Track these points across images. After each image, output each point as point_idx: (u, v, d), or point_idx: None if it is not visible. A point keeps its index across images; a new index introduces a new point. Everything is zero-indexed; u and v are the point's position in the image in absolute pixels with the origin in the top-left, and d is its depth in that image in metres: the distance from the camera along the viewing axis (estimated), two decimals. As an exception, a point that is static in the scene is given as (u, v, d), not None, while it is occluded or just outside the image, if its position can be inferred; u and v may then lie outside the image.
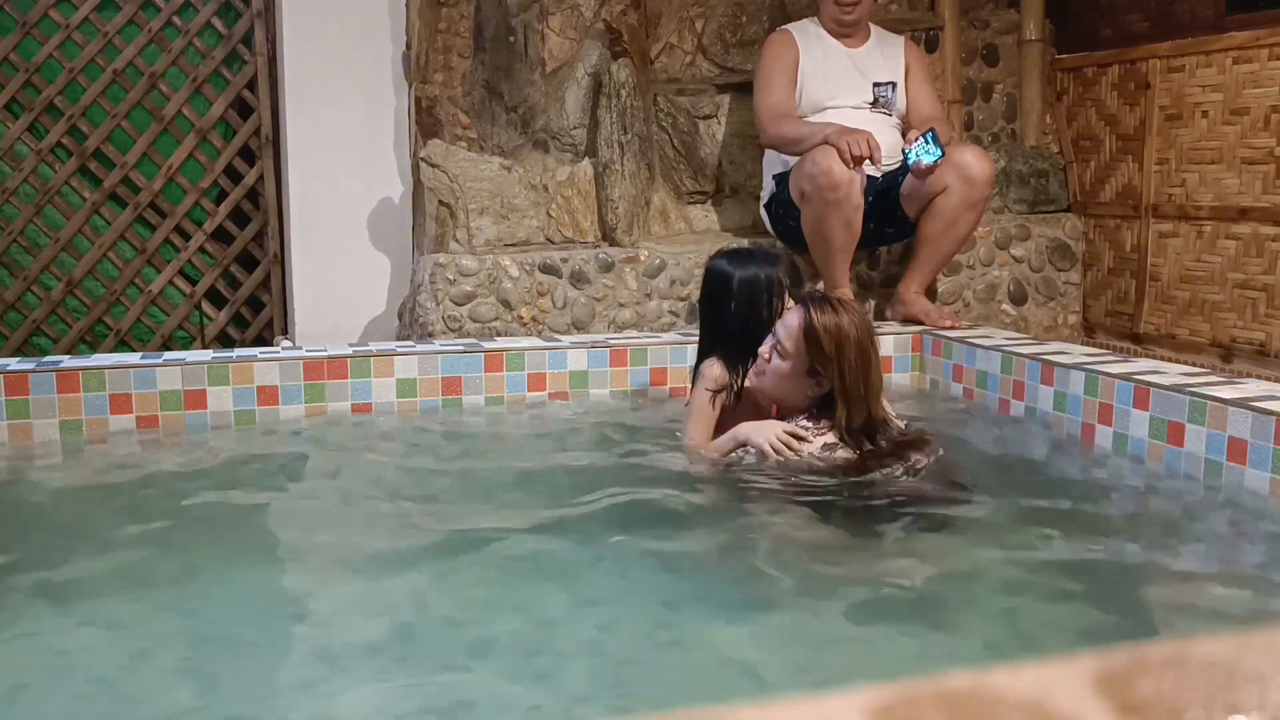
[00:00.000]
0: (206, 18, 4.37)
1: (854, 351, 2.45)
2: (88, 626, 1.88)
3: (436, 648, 1.79)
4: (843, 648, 1.79)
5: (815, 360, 2.47)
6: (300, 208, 4.28)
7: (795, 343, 2.49)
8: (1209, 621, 1.87)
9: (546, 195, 4.11)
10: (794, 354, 2.50)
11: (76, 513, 2.59)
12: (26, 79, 4.26)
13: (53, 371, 3.12)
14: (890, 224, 3.83)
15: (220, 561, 2.16)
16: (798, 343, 2.49)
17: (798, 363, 2.50)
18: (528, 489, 2.68)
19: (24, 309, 4.38)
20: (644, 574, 2.09)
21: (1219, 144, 3.95)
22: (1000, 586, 2.04)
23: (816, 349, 2.46)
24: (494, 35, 4.16)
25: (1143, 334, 4.28)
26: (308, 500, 2.67)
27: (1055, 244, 4.45)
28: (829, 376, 2.47)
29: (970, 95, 4.69)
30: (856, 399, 2.47)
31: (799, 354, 2.49)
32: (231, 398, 3.22)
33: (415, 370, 3.34)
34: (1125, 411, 2.84)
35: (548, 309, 3.89)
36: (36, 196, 4.32)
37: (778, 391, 2.60)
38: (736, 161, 4.37)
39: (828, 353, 2.45)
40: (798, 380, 2.52)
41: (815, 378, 2.50)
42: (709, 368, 2.77)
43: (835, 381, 2.46)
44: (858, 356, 2.46)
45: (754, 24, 4.41)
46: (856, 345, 2.46)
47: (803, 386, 2.53)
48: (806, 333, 2.47)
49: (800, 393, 2.55)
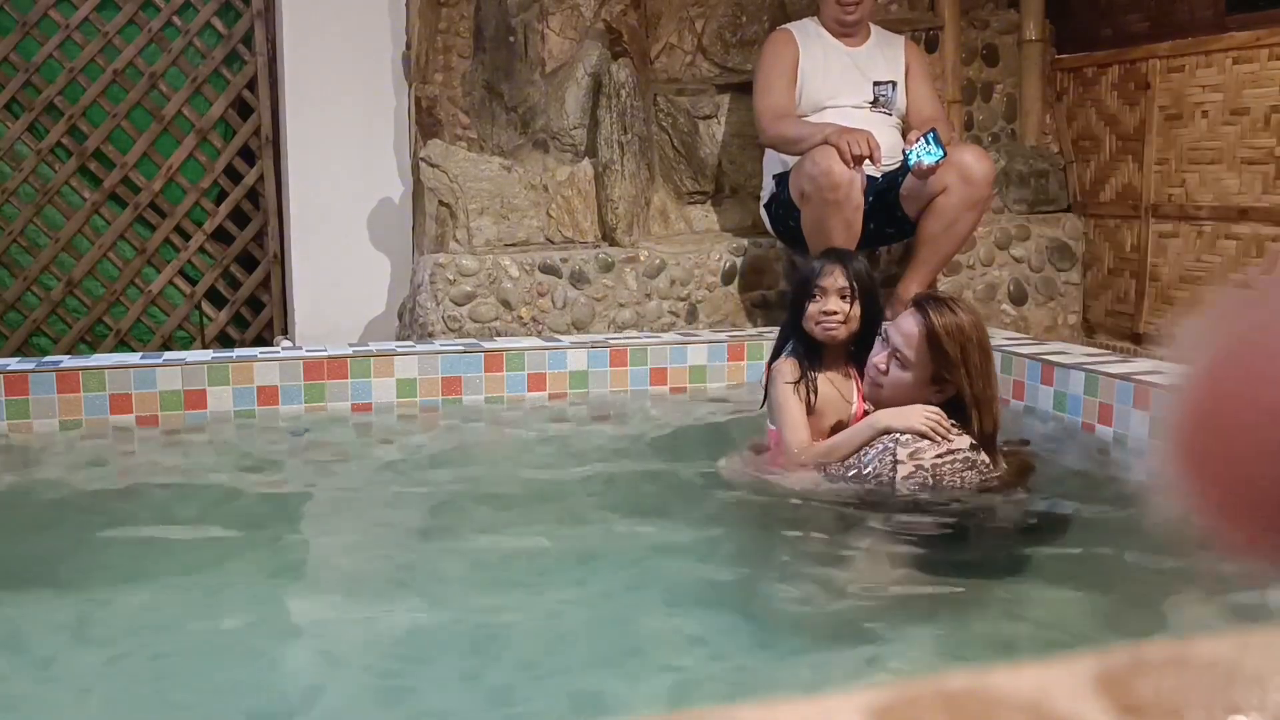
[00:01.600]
0: (206, 18, 4.37)
1: (977, 352, 2.32)
2: (79, 631, 1.87)
3: (443, 654, 1.79)
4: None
5: (940, 366, 2.31)
6: (300, 208, 4.28)
7: (917, 350, 2.33)
8: (1209, 621, 1.86)
9: (546, 195, 4.11)
10: (916, 362, 2.33)
11: (71, 514, 2.58)
12: (26, 79, 4.26)
13: (53, 371, 3.12)
14: (890, 224, 3.83)
15: (217, 565, 2.16)
16: (919, 350, 2.32)
17: (920, 371, 2.34)
18: (571, 494, 2.65)
19: (24, 309, 4.38)
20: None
21: (1219, 144, 3.95)
22: (998, 585, 2.04)
23: (940, 354, 2.30)
24: (494, 35, 4.16)
25: (1143, 334, 4.28)
26: (306, 499, 2.67)
27: (1055, 244, 4.45)
28: (956, 381, 2.31)
29: (970, 95, 4.69)
30: (986, 402, 2.33)
31: (922, 361, 2.33)
32: (231, 398, 3.22)
33: (415, 370, 3.34)
34: (1126, 411, 2.84)
35: (548, 309, 3.89)
36: (36, 196, 4.32)
37: (901, 401, 2.39)
38: (736, 161, 4.37)
39: (953, 357, 2.29)
40: (920, 390, 2.35)
41: (939, 384, 2.34)
42: (781, 364, 2.66)
43: (964, 387, 2.31)
44: (980, 357, 2.32)
45: (754, 24, 4.41)
46: (979, 345, 2.32)
47: (925, 395, 2.35)
48: (929, 338, 2.31)
49: (923, 399, 2.36)
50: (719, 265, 4.07)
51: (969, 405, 2.32)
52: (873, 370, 2.45)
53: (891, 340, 2.39)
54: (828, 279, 2.60)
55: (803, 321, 2.63)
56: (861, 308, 2.61)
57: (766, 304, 4.10)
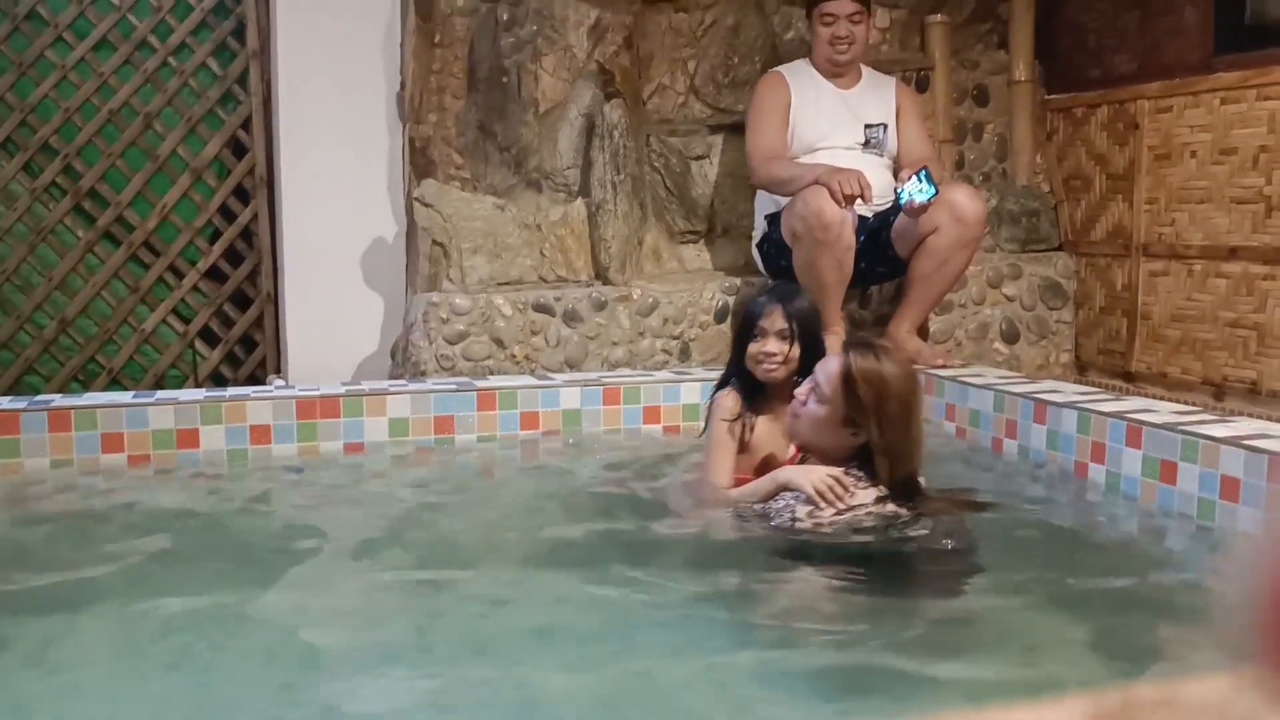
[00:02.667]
0: (202, 58, 4.40)
1: (895, 405, 2.32)
2: (67, 676, 1.85)
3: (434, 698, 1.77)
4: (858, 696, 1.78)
5: (852, 410, 2.33)
6: (294, 247, 4.28)
7: (834, 389, 2.35)
8: (1201, 662, 1.86)
9: (540, 234, 4.13)
10: (831, 400, 2.36)
11: (62, 553, 2.57)
12: (22, 119, 4.28)
13: (44, 410, 3.11)
14: (882, 263, 3.84)
15: (210, 606, 2.14)
16: (836, 389, 2.35)
17: (833, 410, 2.36)
18: (531, 532, 2.66)
19: (16, 348, 4.37)
20: (651, 622, 2.05)
21: (1208, 184, 3.97)
22: (992, 626, 2.04)
23: (854, 397, 2.32)
24: (487, 76, 4.19)
25: (1135, 372, 4.29)
26: (298, 540, 2.65)
27: (1047, 283, 4.47)
28: (865, 428, 2.34)
29: (961, 135, 4.73)
30: (897, 455, 2.33)
31: (836, 401, 2.35)
32: (224, 437, 3.21)
33: (408, 409, 3.34)
34: (1118, 450, 2.84)
35: (541, 347, 3.89)
36: (30, 235, 4.32)
37: (813, 437, 2.45)
38: (729, 201, 4.39)
39: (865, 402, 2.31)
40: (834, 429, 2.38)
41: (852, 427, 2.36)
42: (722, 398, 2.71)
43: (874, 435, 2.32)
44: (899, 410, 2.32)
45: (746, 65, 4.44)
46: (898, 399, 2.32)
47: (839, 436, 2.38)
48: (845, 379, 2.33)
49: (837, 442, 2.40)
50: (712, 304, 4.08)
51: (876, 453, 2.34)
52: (795, 401, 2.47)
53: (816, 374, 2.43)
54: (767, 320, 2.65)
55: (744, 360, 2.67)
56: (802, 348, 2.65)
57: (759, 342, 4.10)
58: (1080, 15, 4.60)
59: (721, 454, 2.67)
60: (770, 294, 2.77)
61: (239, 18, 4.42)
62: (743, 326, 2.73)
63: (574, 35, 4.18)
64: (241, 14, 4.41)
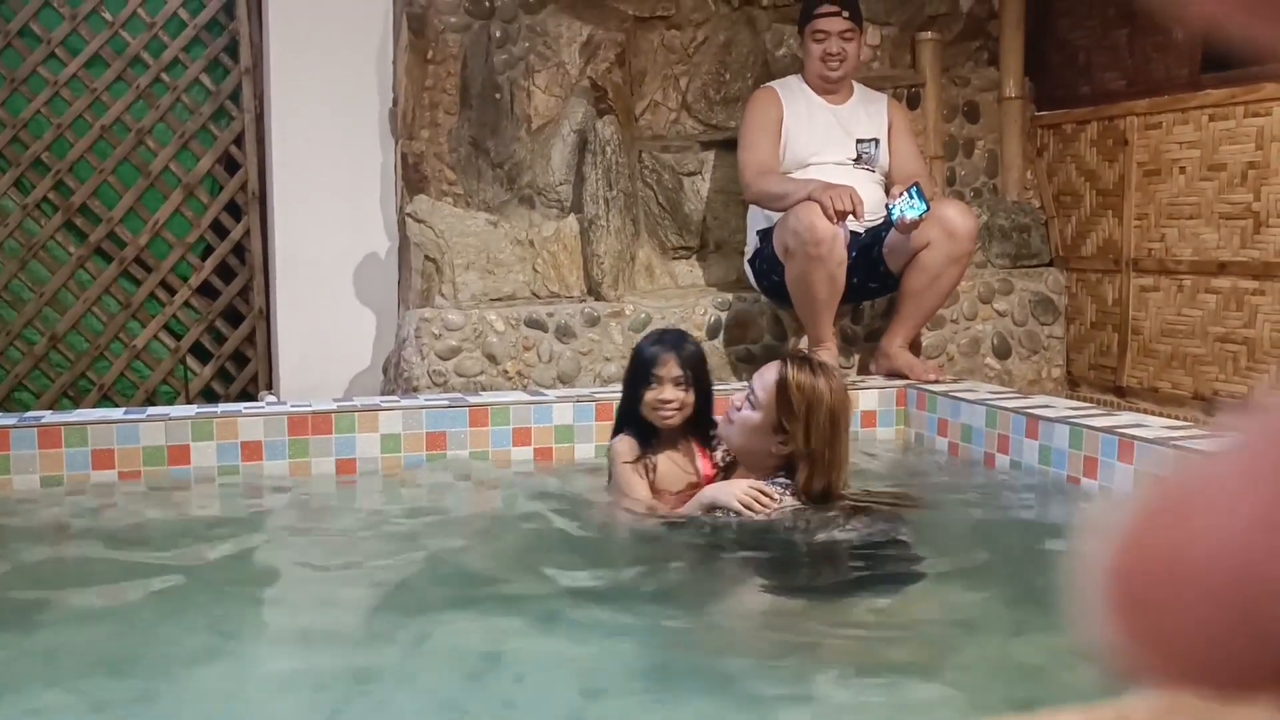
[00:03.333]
0: (195, 74, 4.40)
1: (824, 416, 2.43)
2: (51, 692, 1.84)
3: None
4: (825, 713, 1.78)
5: (783, 415, 2.44)
6: (286, 263, 4.28)
7: (768, 394, 2.47)
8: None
9: (532, 250, 4.13)
10: (764, 405, 2.47)
11: (48, 572, 2.55)
12: (14, 134, 4.28)
13: (34, 427, 3.10)
14: (874, 279, 3.85)
15: (197, 629, 2.13)
16: (770, 395, 2.46)
17: (766, 416, 2.47)
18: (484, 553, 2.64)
19: (6, 364, 4.35)
20: (587, 641, 2.05)
21: (1197, 199, 3.99)
22: (983, 641, 2.03)
23: (786, 405, 2.43)
24: (480, 92, 4.20)
25: (1126, 387, 4.30)
26: (287, 560, 2.65)
27: (1038, 298, 4.48)
28: (794, 435, 2.44)
29: (952, 151, 4.74)
30: (819, 464, 2.44)
31: (769, 407, 2.46)
32: (215, 453, 3.20)
33: (400, 425, 3.33)
34: (1110, 465, 2.84)
35: (533, 363, 3.89)
36: (21, 251, 4.31)
37: (743, 442, 2.57)
38: (721, 217, 4.40)
39: (796, 410, 2.42)
40: (764, 435, 2.49)
41: (781, 435, 2.47)
42: (617, 444, 2.75)
43: (800, 442, 2.44)
44: (827, 421, 2.44)
45: (738, 81, 4.46)
46: (828, 411, 2.43)
47: (768, 443, 2.50)
48: (780, 386, 2.44)
49: (765, 449, 2.51)
50: (704, 320, 4.08)
51: (798, 459, 2.44)
52: (730, 408, 2.58)
53: (753, 383, 2.54)
54: (663, 368, 2.66)
55: (640, 407, 2.68)
56: (696, 392, 2.69)
57: (751, 358, 4.11)
58: (1070, 32, 4.62)
59: (639, 486, 2.71)
60: (661, 341, 2.77)
61: (232, 34, 4.42)
62: (635, 374, 2.74)
63: (566, 52, 4.19)
64: (234, 30, 4.42)
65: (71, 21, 4.27)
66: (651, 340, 2.81)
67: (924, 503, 2.66)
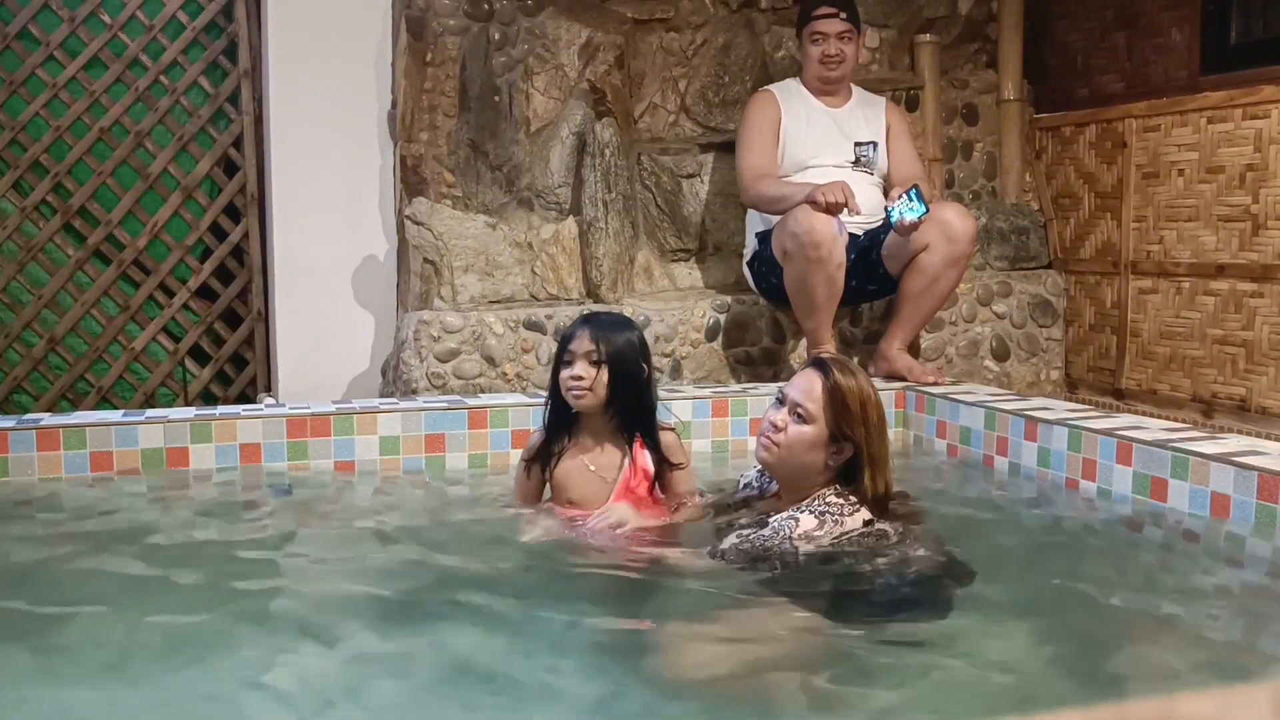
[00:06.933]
0: (194, 77, 4.40)
1: (875, 412, 2.32)
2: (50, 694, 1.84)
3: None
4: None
5: (842, 421, 2.29)
6: (285, 265, 4.28)
7: (817, 404, 2.30)
8: (1193, 679, 1.86)
9: (531, 253, 4.13)
10: (816, 417, 2.30)
11: (46, 573, 2.55)
12: (13, 137, 4.27)
13: (33, 429, 3.09)
14: (873, 281, 3.86)
15: (191, 629, 2.12)
16: (820, 404, 2.30)
17: (819, 428, 2.30)
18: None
19: (5, 366, 4.35)
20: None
21: (1195, 202, 4.00)
22: (984, 645, 2.03)
23: (843, 410, 2.29)
24: (479, 95, 4.20)
25: (1124, 389, 4.31)
26: (283, 563, 2.64)
27: (1037, 300, 4.49)
28: (856, 439, 2.30)
29: (951, 154, 4.75)
30: (880, 463, 2.32)
31: (822, 417, 2.30)
32: (214, 455, 3.20)
33: (399, 428, 3.33)
34: (1109, 467, 2.84)
35: (532, 365, 3.89)
36: (20, 253, 4.31)
37: (795, 463, 2.35)
38: (719, 220, 4.40)
39: (854, 413, 2.29)
40: (819, 449, 2.31)
41: (835, 445, 2.31)
42: (533, 434, 2.70)
43: (863, 444, 2.30)
44: (878, 417, 2.33)
45: (736, 84, 4.46)
46: (876, 405, 2.32)
47: (821, 456, 2.32)
48: (831, 393, 2.29)
49: (817, 464, 2.33)
50: (703, 322, 4.08)
51: (865, 464, 2.30)
52: (767, 431, 2.36)
53: (790, 397, 2.34)
54: (576, 343, 2.54)
55: (561, 392, 2.57)
56: (612, 375, 2.52)
57: (750, 360, 4.11)
58: (1068, 35, 4.63)
59: (517, 485, 2.70)
60: (583, 318, 2.63)
61: (231, 36, 4.42)
62: (556, 353, 2.61)
63: (565, 54, 4.20)
64: (233, 33, 4.42)
65: (70, 24, 4.27)
66: (576, 320, 2.67)
67: (924, 509, 2.63)
